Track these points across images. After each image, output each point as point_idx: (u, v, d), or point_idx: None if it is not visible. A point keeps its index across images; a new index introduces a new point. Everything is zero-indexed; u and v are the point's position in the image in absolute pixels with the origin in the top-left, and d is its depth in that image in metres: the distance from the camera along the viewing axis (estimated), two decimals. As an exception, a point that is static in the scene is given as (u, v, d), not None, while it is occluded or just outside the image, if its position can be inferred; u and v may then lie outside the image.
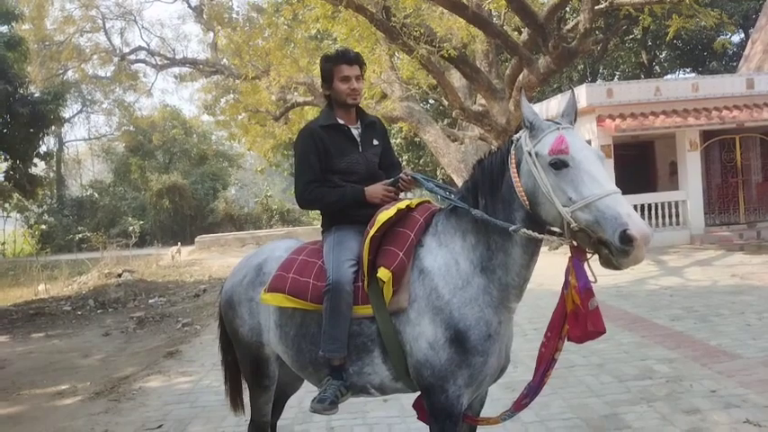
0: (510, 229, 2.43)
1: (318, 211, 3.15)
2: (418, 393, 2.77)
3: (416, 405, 2.90)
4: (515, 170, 2.44)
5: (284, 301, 2.85)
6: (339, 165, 2.91)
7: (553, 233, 2.45)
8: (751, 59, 18.03)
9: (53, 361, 7.57)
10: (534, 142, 2.38)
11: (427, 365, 2.55)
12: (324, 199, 2.91)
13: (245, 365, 3.25)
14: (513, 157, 2.47)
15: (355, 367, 2.73)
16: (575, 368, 5.49)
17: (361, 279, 2.70)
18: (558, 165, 2.29)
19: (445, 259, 2.63)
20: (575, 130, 2.43)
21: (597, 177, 2.26)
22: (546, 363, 2.60)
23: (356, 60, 2.95)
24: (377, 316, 2.64)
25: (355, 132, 2.99)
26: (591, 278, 2.35)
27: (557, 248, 2.40)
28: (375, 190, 2.85)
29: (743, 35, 25.80)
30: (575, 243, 2.33)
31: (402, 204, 2.75)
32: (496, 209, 2.51)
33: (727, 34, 24.59)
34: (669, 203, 13.95)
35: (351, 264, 2.74)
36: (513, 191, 2.44)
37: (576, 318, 2.39)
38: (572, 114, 2.49)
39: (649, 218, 13.85)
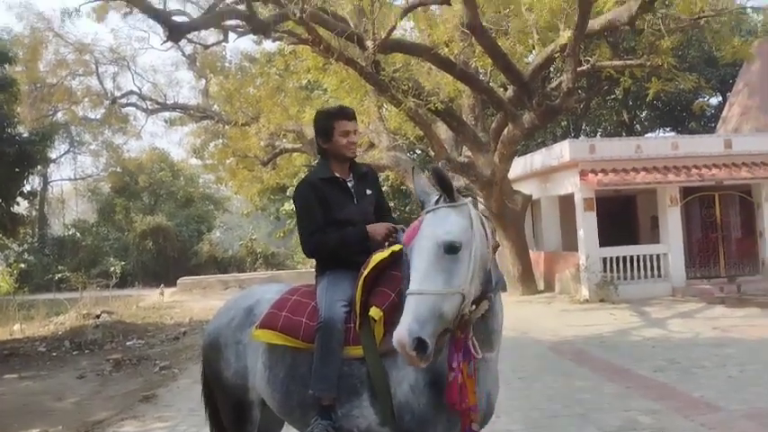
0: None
1: (301, 255, 3.20)
2: None
3: None
4: None
5: (275, 338, 2.86)
6: (337, 216, 2.98)
7: None
8: (729, 121, 18.63)
9: (26, 403, 7.34)
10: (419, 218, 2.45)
11: (408, 409, 2.56)
12: (329, 244, 2.96)
13: (226, 411, 3.19)
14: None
15: (344, 410, 2.71)
16: (558, 418, 5.46)
17: (353, 320, 2.72)
18: (406, 255, 2.40)
19: None
20: (439, 211, 2.37)
21: (413, 273, 2.29)
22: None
23: (353, 116, 3.10)
24: (367, 357, 2.65)
25: (350, 184, 3.08)
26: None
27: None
28: (378, 226, 2.92)
29: (720, 98, 26.71)
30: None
31: (397, 248, 2.78)
32: None
33: (705, 97, 25.47)
34: (651, 256, 14.13)
35: (343, 304, 2.76)
36: None
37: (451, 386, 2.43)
38: (453, 190, 2.40)
39: (631, 269, 14.00)
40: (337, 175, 3.05)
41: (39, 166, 18.95)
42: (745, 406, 5.57)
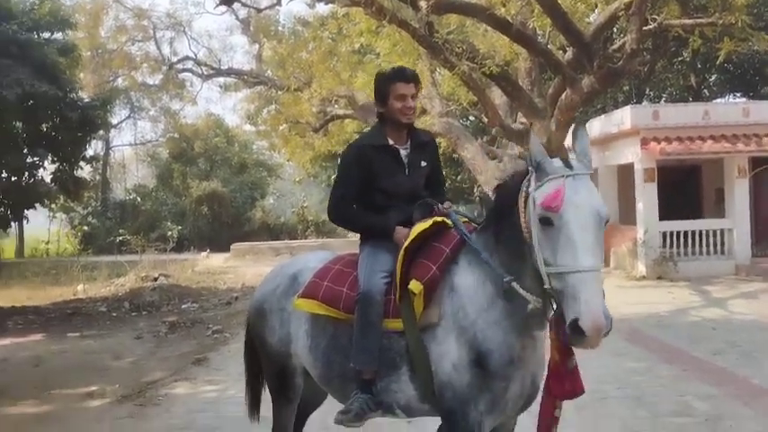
0: (504, 280, 2.41)
1: None
2: None
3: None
4: (522, 205, 2.35)
5: (316, 307, 2.83)
6: (383, 184, 2.89)
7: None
8: (806, 85, 17.37)
9: (85, 361, 7.70)
10: (537, 185, 2.28)
11: (449, 387, 2.49)
12: (353, 222, 2.98)
13: (270, 376, 3.23)
14: (524, 189, 2.38)
15: (382, 383, 2.67)
16: (607, 400, 5.28)
17: (394, 292, 2.65)
18: (545, 221, 2.20)
19: (474, 279, 2.58)
20: (584, 178, 2.25)
21: (577, 247, 2.14)
22: (546, 422, 2.48)
23: (413, 78, 2.93)
24: (406, 330, 2.58)
25: (403, 153, 2.95)
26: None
27: (534, 308, 2.36)
28: (404, 233, 2.75)
29: (798, 60, 24.93)
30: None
31: (439, 219, 2.71)
32: (509, 239, 2.46)
33: (780, 58, 23.82)
34: (714, 231, 13.49)
35: (383, 275, 2.70)
36: (520, 221, 2.37)
37: (558, 375, 2.35)
38: (588, 155, 2.34)
39: (693, 245, 13.40)
40: (390, 142, 2.92)
41: (100, 131, 19.64)
42: (812, 395, 5.25)
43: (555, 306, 2.29)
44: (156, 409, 5.57)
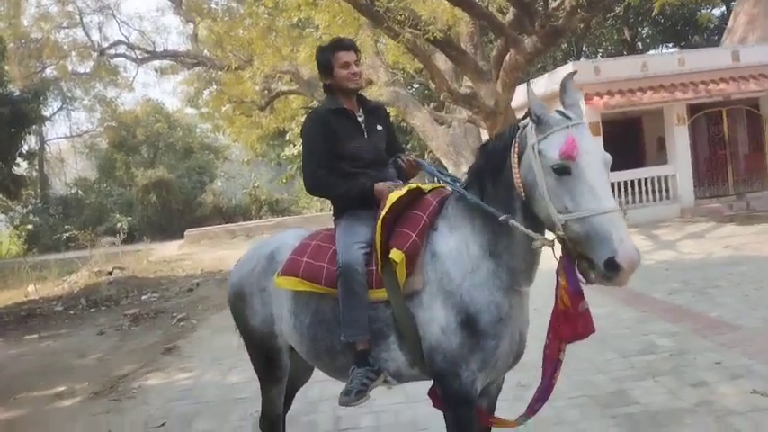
0: (500, 218, 2.41)
1: (315, 200, 3.11)
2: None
3: (431, 393, 2.85)
4: (517, 160, 2.39)
5: (298, 284, 2.81)
6: (347, 150, 2.88)
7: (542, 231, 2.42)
8: (734, 32, 18.05)
9: (48, 362, 7.45)
10: (540, 137, 2.30)
11: (439, 350, 2.53)
12: (333, 189, 2.92)
13: (256, 358, 3.20)
14: (516, 145, 2.41)
15: (374, 353, 2.68)
16: (577, 345, 5.46)
17: (375, 263, 2.65)
18: (561, 170, 2.21)
19: (456, 243, 2.60)
20: (585, 127, 2.32)
21: (597, 191, 2.18)
22: (553, 364, 2.57)
23: (352, 47, 3.00)
24: (391, 299, 2.59)
25: (360, 119, 2.97)
26: (581, 279, 2.28)
27: (540, 246, 2.42)
28: (385, 187, 2.77)
29: (724, 8, 25.83)
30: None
31: (414, 186, 2.71)
32: (498, 194, 2.49)
33: (709, 8, 24.62)
34: (658, 178, 14.00)
35: (360, 245, 2.69)
36: (513, 177, 2.40)
37: (567, 318, 2.39)
38: (579, 105, 2.41)
39: (639, 193, 13.89)
40: (346, 107, 2.95)
41: (34, 125, 18.69)
42: (764, 323, 5.59)
43: (561, 253, 2.33)
44: (131, 402, 5.48)
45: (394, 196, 2.64)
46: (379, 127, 3.01)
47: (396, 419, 4.34)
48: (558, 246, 2.35)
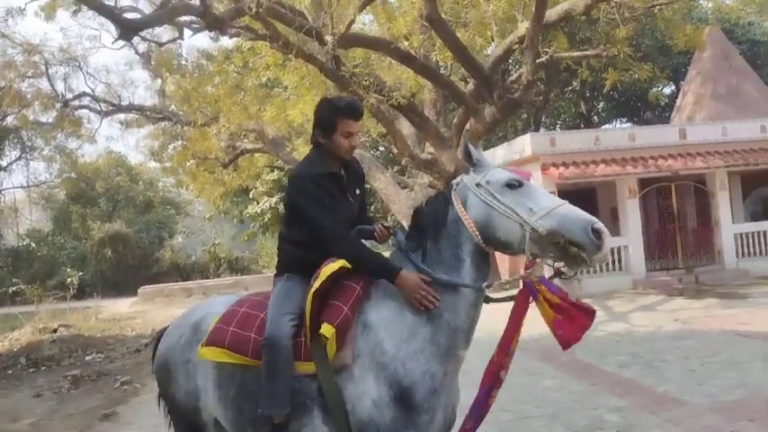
0: (483, 285, 2.56)
1: (275, 259, 3.02)
2: None
3: None
4: (462, 207, 2.55)
5: (223, 356, 2.72)
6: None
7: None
8: (683, 110, 19.05)
9: (-24, 427, 7.02)
10: (483, 174, 2.59)
11: (371, 425, 2.45)
12: (360, 255, 2.67)
13: None
14: (455, 197, 2.61)
15: (293, 427, 2.59)
16: (528, 419, 5.44)
17: (304, 334, 2.59)
18: (514, 185, 2.50)
19: (390, 311, 2.57)
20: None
21: (547, 194, 2.58)
22: (490, 379, 2.60)
23: (362, 115, 2.86)
24: (319, 373, 2.53)
25: (344, 179, 2.88)
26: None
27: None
28: (410, 280, 2.54)
29: (674, 87, 27.35)
30: (535, 258, 2.50)
31: (345, 263, 2.66)
32: (441, 247, 2.59)
33: (659, 86, 26.03)
34: (611, 249, 14.29)
35: (290, 317, 2.62)
36: (459, 226, 2.54)
37: (567, 318, 2.51)
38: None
39: (594, 263, 14.14)
40: (335, 171, 2.80)
41: (-13, 175, 18.23)
42: (709, 399, 5.64)
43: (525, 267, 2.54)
44: (60, 475, 5.15)
45: (328, 270, 2.59)
46: (358, 191, 2.96)
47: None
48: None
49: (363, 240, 2.88)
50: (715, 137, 15.12)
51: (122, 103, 24.26)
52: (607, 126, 29.04)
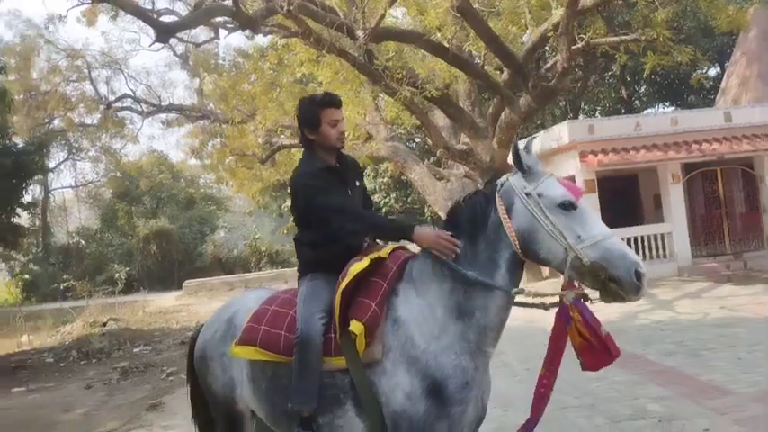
0: (512, 291, 2.53)
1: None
2: None
3: None
4: (504, 212, 2.49)
5: (255, 353, 2.81)
6: None
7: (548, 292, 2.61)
8: (728, 92, 18.42)
9: (33, 417, 7.34)
10: (534, 185, 2.49)
11: (405, 417, 2.49)
12: (376, 223, 2.91)
13: (219, 422, 3.15)
14: (500, 200, 2.53)
15: (326, 419, 2.66)
16: (567, 409, 5.39)
17: (334, 331, 2.65)
18: (568, 206, 2.43)
19: (420, 307, 2.61)
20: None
21: (598, 221, 2.46)
22: (542, 401, 2.62)
23: (341, 104, 2.92)
24: (350, 368, 2.59)
25: (341, 172, 2.93)
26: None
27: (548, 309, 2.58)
28: (429, 233, 2.67)
29: (719, 69, 26.45)
30: (575, 283, 2.47)
31: (374, 255, 2.71)
32: (477, 250, 2.55)
33: (703, 69, 25.20)
34: (655, 236, 14.01)
35: (321, 316, 2.68)
36: (500, 231, 2.49)
37: (591, 348, 2.48)
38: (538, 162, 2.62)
39: (636, 250, 13.86)
40: (331, 164, 2.88)
41: (37, 176, 18.95)
42: (755, 388, 5.50)
43: (566, 288, 2.49)
44: (110, 462, 5.37)
45: (355, 269, 2.64)
46: (357, 183, 3.01)
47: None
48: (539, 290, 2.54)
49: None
50: (762, 119, 14.58)
51: (162, 104, 24.92)
52: (649, 111, 28.30)
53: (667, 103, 29.33)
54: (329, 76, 14.39)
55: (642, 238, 13.95)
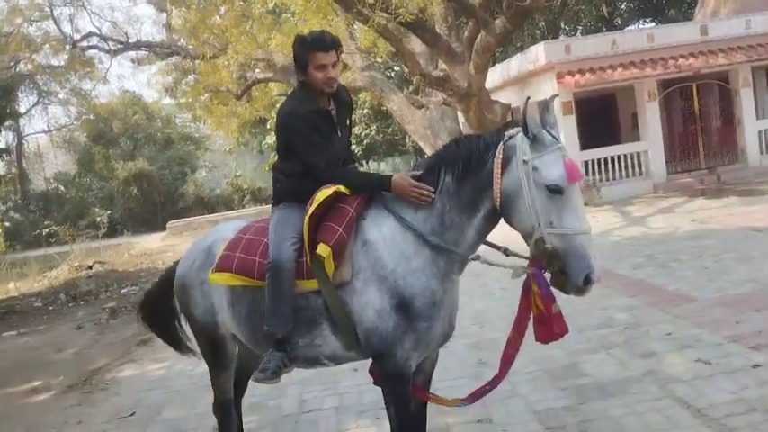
0: (469, 258, 2.64)
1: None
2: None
3: (371, 370, 2.99)
4: (500, 167, 2.50)
5: (231, 279, 2.92)
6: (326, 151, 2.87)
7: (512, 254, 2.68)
8: (707, 5, 18.17)
9: (26, 358, 7.52)
10: (535, 155, 2.44)
11: (375, 332, 2.66)
12: (352, 180, 2.84)
13: (202, 346, 3.33)
14: (500, 153, 2.52)
15: (305, 340, 2.82)
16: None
17: (305, 254, 2.75)
18: (555, 190, 2.39)
19: (391, 230, 2.71)
20: (565, 150, 2.49)
21: (579, 212, 2.42)
22: (509, 362, 2.78)
23: (333, 45, 2.78)
24: (322, 289, 2.71)
25: (332, 114, 2.94)
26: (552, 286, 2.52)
27: (518, 276, 2.65)
28: (404, 182, 2.69)
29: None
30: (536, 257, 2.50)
31: (341, 188, 2.77)
32: (462, 192, 2.61)
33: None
34: (632, 155, 14.16)
35: (292, 241, 2.78)
36: (491, 181, 2.51)
37: (542, 322, 2.58)
38: (557, 127, 2.54)
39: (613, 170, 14.05)
40: (322, 106, 2.87)
41: (7, 121, 18.50)
42: (718, 294, 5.76)
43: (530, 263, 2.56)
44: (103, 394, 5.57)
45: (321, 195, 2.72)
46: (348, 121, 3.05)
47: (358, 400, 4.46)
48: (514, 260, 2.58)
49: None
50: (738, 31, 14.48)
51: (130, 41, 24.03)
52: (631, 28, 27.84)
53: (648, 19, 28.86)
54: (301, 5, 13.95)
55: (619, 157, 14.09)
